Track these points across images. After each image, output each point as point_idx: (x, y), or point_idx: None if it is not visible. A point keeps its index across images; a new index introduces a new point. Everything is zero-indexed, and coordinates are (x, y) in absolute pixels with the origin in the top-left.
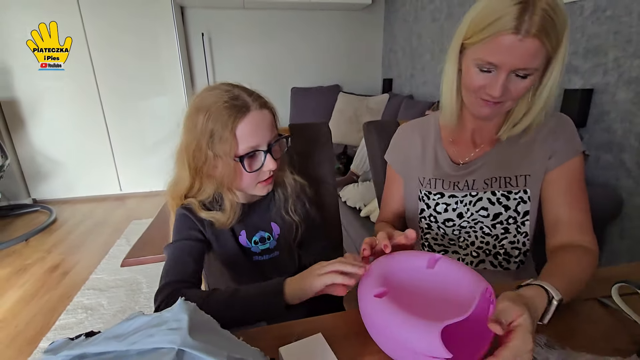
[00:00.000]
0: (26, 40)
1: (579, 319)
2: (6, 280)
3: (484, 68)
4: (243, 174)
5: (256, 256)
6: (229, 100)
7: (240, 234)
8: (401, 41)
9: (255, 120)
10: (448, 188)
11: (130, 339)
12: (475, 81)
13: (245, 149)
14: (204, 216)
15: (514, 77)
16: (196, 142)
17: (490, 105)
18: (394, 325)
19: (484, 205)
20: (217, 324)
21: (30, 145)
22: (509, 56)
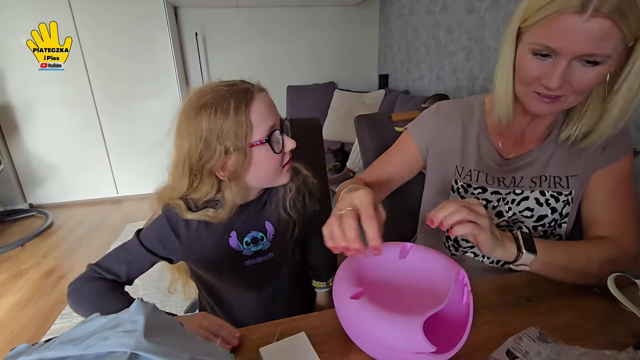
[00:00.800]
0: (22, 43)
1: (574, 312)
2: (2, 285)
3: (541, 53)
4: (269, 160)
5: (248, 260)
6: (229, 89)
7: (231, 236)
8: (397, 35)
9: (263, 101)
10: (492, 183)
11: (86, 342)
12: (530, 70)
13: (264, 131)
14: (190, 217)
15: (579, 65)
16: (204, 142)
17: (546, 101)
18: (374, 326)
19: (530, 205)
20: (179, 324)
21: (25, 150)
22: (571, 39)
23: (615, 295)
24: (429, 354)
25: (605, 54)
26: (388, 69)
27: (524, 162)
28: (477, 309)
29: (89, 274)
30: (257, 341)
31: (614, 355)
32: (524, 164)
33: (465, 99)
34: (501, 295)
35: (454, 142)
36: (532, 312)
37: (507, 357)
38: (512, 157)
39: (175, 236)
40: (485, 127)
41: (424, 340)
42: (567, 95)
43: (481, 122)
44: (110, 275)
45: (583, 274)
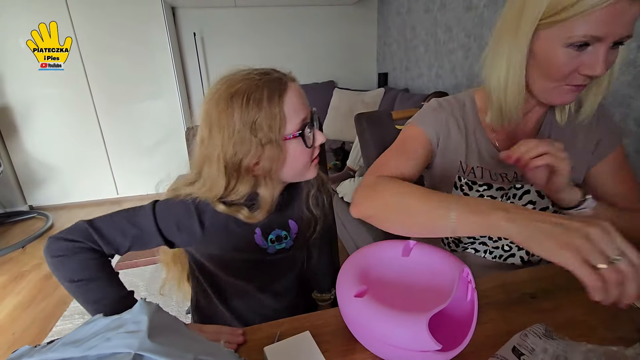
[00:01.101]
0: (20, 45)
1: (579, 308)
2: (3, 287)
3: (579, 44)
4: (301, 155)
5: (270, 257)
6: (262, 78)
7: (256, 232)
8: (395, 34)
9: (295, 91)
10: (496, 180)
11: (88, 343)
12: (566, 64)
13: (296, 124)
14: (221, 210)
15: (609, 49)
16: (237, 135)
17: (577, 90)
18: (378, 324)
19: (532, 198)
20: (183, 325)
21: (24, 151)
22: (618, 24)
23: None
24: (434, 352)
25: (630, 34)
26: (387, 67)
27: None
28: (481, 306)
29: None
30: (260, 341)
31: (620, 352)
32: None
33: (455, 96)
34: (505, 293)
35: (458, 138)
36: (536, 309)
37: (513, 354)
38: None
39: (200, 224)
40: (480, 124)
41: (429, 338)
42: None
43: (475, 120)
44: (107, 248)
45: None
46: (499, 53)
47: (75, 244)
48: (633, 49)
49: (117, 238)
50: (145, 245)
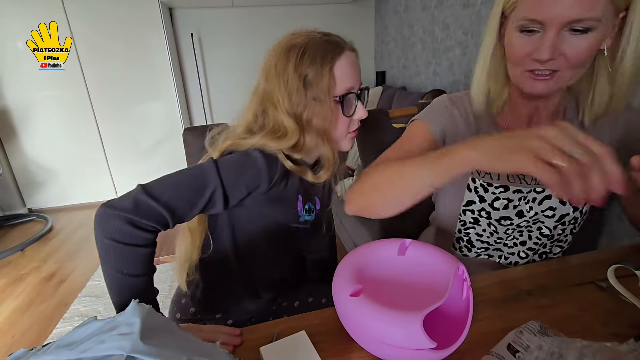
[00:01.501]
0: (18, 47)
1: (574, 304)
2: (2, 290)
3: (527, 28)
4: (339, 119)
5: (299, 225)
6: (322, 37)
7: (299, 199)
8: (392, 32)
9: (350, 60)
10: (514, 181)
11: (82, 346)
12: (519, 48)
13: (342, 89)
14: (289, 166)
15: (569, 35)
16: (290, 85)
17: (541, 79)
18: (373, 323)
19: (553, 204)
20: (177, 326)
21: (23, 154)
22: (553, 6)
23: (616, 286)
24: (430, 350)
25: (594, 17)
26: (385, 65)
27: None
28: (477, 303)
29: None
30: (257, 341)
31: (615, 347)
32: None
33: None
34: (501, 290)
35: (467, 136)
36: (532, 305)
37: (508, 351)
38: None
39: (269, 177)
40: (493, 122)
41: (424, 336)
42: (562, 70)
43: (490, 119)
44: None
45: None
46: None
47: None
48: None
49: (187, 212)
50: (207, 212)
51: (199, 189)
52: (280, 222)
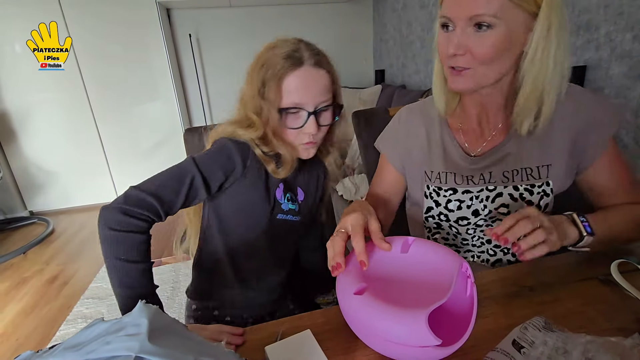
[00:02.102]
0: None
1: (578, 299)
2: (5, 293)
3: (444, 24)
4: (285, 129)
5: (281, 214)
6: (287, 52)
7: (279, 187)
8: (391, 30)
9: (305, 77)
10: (462, 183)
11: (87, 347)
12: (440, 45)
13: (288, 103)
14: (258, 152)
15: (473, 32)
16: (253, 89)
17: (457, 74)
18: (378, 321)
19: (505, 201)
20: (183, 326)
21: (23, 157)
22: (459, 3)
23: (619, 281)
24: (435, 347)
25: (492, 14)
26: (384, 64)
27: (494, 157)
28: (480, 300)
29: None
30: (262, 340)
31: (619, 342)
32: (495, 159)
33: (424, 100)
34: (504, 286)
35: (420, 147)
36: (536, 301)
37: (513, 347)
38: (480, 154)
39: (242, 160)
40: (447, 127)
41: (429, 333)
42: (473, 66)
43: (442, 122)
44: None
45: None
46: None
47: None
48: (628, 40)
49: (173, 199)
50: (193, 201)
51: (180, 178)
52: (264, 211)
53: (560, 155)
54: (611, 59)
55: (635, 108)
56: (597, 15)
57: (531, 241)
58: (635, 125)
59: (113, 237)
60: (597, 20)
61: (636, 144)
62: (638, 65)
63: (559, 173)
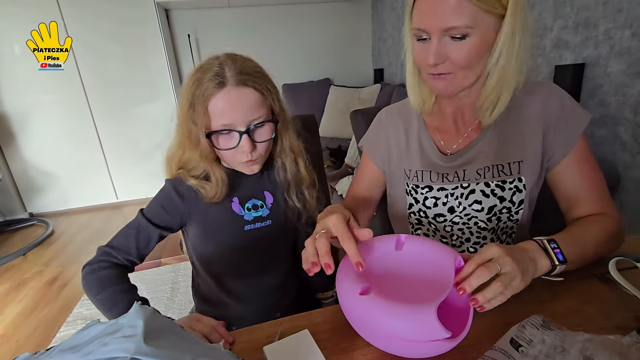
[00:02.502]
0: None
1: (577, 298)
2: (5, 295)
3: (420, 37)
4: (224, 152)
5: (248, 225)
6: (212, 72)
7: (233, 201)
8: (390, 29)
9: (229, 98)
10: (436, 180)
11: (85, 349)
12: (417, 54)
13: (217, 125)
14: (192, 183)
15: (450, 40)
16: (183, 112)
17: (439, 78)
18: (387, 319)
19: (478, 198)
20: (179, 327)
21: (22, 159)
22: (432, 17)
23: (617, 279)
24: (443, 341)
25: (464, 25)
26: (383, 63)
27: (467, 155)
28: None
29: (98, 259)
30: (260, 340)
31: (617, 340)
32: (468, 157)
33: (403, 101)
34: None
35: (399, 146)
36: (534, 300)
37: (511, 346)
38: (454, 151)
39: (179, 197)
40: (424, 126)
41: (439, 326)
42: (453, 71)
43: (420, 121)
44: (122, 254)
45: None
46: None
47: (97, 265)
48: (627, 37)
49: (123, 243)
50: (149, 241)
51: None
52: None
53: (532, 151)
54: (610, 57)
55: (634, 105)
56: (595, 13)
57: (488, 295)
58: (634, 122)
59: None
60: (595, 17)
61: (635, 141)
62: (637, 62)
63: (531, 169)
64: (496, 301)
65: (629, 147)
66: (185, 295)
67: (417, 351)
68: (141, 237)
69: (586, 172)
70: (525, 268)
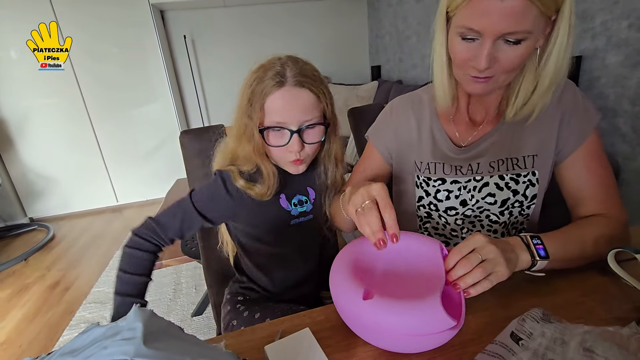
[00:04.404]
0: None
1: (576, 290)
2: (8, 300)
3: (466, 36)
4: (273, 149)
5: (294, 219)
6: (274, 71)
7: (281, 197)
8: (387, 26)
9: (286, 97)
10: (450, 173)
11: (85, 352)
12: (459, 53)
13: (270, 122)
14: (240, 185)
15: (503, 44)
16: (241, 106)
17: (480, 82)
18: (394, 318)
19: (491, 191)
20: (179, 329)
21: (21, 164)
22: (490, 20)
23: (616, 270)
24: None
25: (524, 30)
26: (380, 60)
27: (481, 147)
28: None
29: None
30: (261, 340)
31: (617, 331)
32: (481, 149)
33: (415, 92)
34: None
35: (410, 138)
36: (534, 293)
37: (511, 339)
38: (468, 144)
39: (229, 195)
40: (437, 117)
41: (446, 317)
42: (497, 75)
43: (432, 113)
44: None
45: (585, 259)
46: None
47: (143, 242)
48: (624, 28)
49: (169, 221)
50: (193, 226)
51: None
52: (276, 225)
53: (547, 145)
54: (607, 48)
55: (633, 97)
56: (592, 5)
57: (469, 281)
58: (632, 113)
59: (125, 253)
60: (593, 9)
61: (634, 133)
62: (634, 53)
63: (545, 163)
64: (481, 287)
65: (629, 139)
66: (188, 296)
67: (421, 345)
68: (186, 220)
69: (594, 170)
70: (509, 257)
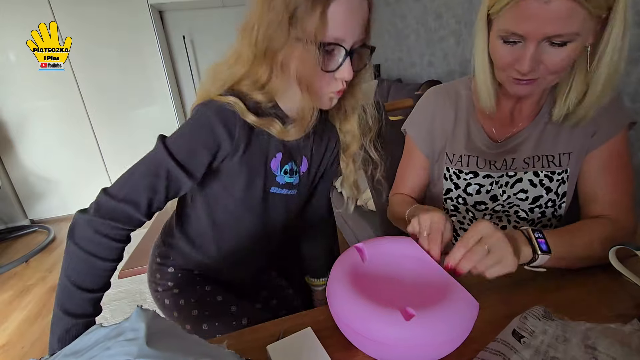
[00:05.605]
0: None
1: (578, 287)
2: (9, 303)
3: (509, 40)
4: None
5: (275, 187)
6: None
7: (276, 157)
8: (385, 24)
9: (351, 6)
10: (484, 167)
11: (88, 353)
12: (502, 56)
13: (330, 38)
14: (252, 120)
15: (548, 46)
16: (275, 17)
17: (524, 84)
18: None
19: (524, 187)
20: (181, 329)
21: (21, 166)
22: (534, 23)
23: (618, 268)
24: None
25: (571, 32)
26: (379, 58)
27: (516, 143)
28: (481, 291)
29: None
30: (263, 339)
31: (619, 328)
32: (516, 145)
33: (450, 83)
34: (503, 276)
35: (445, 129)
36: (536, 290)
37: (513, 337)
38: (504, 139)
39: (228, 134)
40: (473, 111)
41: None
42: (543, 76)
43: (469, 107)
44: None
45: (588, 259)
46: (475, 43)
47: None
48: None
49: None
50: (180, 191)
51: (154, 173)
52: (257, 186)
53: (582, 143)
54: None
55: (632, 93)
56: None
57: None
58: (632, 110)
59: (74, 253)
60: None
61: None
62: (634, 49)
63: (578, 162)
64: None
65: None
66: None
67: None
68: (171, 191)
69: (612, 171)
70: (516, 246)
